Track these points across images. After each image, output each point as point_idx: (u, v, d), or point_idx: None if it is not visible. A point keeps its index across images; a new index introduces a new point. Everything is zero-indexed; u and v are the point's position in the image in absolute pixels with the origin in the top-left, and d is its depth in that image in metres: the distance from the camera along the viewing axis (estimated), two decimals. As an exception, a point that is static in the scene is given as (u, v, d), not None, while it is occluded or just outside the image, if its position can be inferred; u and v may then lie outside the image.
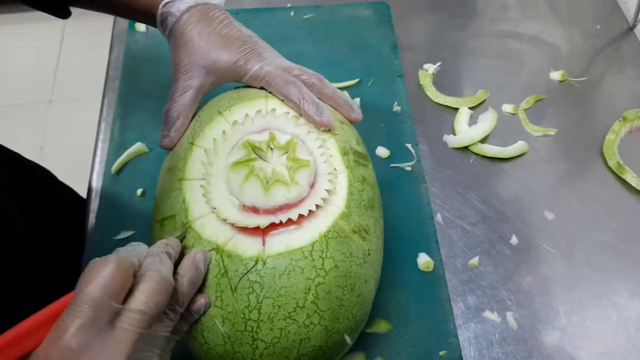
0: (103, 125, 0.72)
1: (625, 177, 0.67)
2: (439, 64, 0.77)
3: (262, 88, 0.53)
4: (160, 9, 0.54)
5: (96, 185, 0.66)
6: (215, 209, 0.45)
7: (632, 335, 0.58)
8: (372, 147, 0.68)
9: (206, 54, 0.52)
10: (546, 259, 0.62)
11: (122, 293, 0.35)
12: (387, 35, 0.79)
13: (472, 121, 0.73)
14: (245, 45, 0.52)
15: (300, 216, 0.45)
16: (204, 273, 0.43)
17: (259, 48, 0.53)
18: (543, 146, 0.71)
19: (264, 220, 0.44)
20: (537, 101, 0.75)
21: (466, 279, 0.61)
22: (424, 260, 0.60)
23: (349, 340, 0.46)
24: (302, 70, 0.54)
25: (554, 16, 0.84)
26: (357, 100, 0.72)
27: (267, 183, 0.46)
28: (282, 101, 0.52)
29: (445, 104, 0.74)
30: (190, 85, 0.52)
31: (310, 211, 0.45)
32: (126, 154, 0.67)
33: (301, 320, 0.42)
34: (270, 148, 0.48)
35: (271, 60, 0.53)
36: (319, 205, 0.46)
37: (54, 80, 1.84)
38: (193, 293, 0.42)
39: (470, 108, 0.73)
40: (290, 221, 0.45)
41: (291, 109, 0.51)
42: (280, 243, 0.43)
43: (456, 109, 0.73)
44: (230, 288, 0.42)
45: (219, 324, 0.42)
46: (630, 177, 0.67)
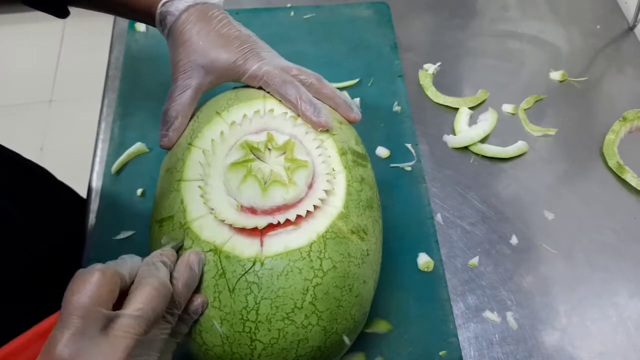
0: (103, 125, 0.72)
1: (625, 177, 0.67)
2: (439, 64, 0.77)
3: (260, 88, 0.53)
4: (159, 8, 0.54)
5: (96, 185, 0.66)
6: (213, 209, 0.45)
7: (632, 335, 0.58)
8: (372, 147, 0.68)
9: (205, 53, 0.51)
10: (546, 259, 0.62)
11: (110, 299, 0.35)
12: (387, 35, 0.79)
13: (472, 121, 0.73)
14: (244, 45, 0.52)
15: (298, 217, 0.45)
16: (199, 274, 0.43)
17: (257, 48, 0.53)
18: (543, 146, 0.71)
19: (262, 221, 0.44)
20: (537, 101, 0.75)
21: (466, 279, 0.61)
22: (424, 260, 0.60)
23: (347, 340, 0.46)
24: (300, 70, 0.53)
25: (554, 16, 0.84)
26: (357, 100, 0.72)
27: (264, 184, 0.46)
28: (280, 101, 0.52)
29: (445, 104, 0.74)
30: (189, 85, 0.51)
31: (308, 212, 0.45)
32: (126, 154, 0.67)
33: (299, 321, 0.42)
34: (268, 149, 0.48)
35: (270, 60, 0.53)
36: (317, 206, 0.46)
37: (54, 80, 1.84)
38: (189, 295, 0.42)
39: (470, 108, 0.73)
40: (288, 222, 0.45)
41: (289, 109, 0.51)
42: (278, 244, 0.43)
43: (456, 109, 0.73)
44: (228, 289, 0.42)
45: (217, 325, 0.42)
46: (630, 177, 0.67)
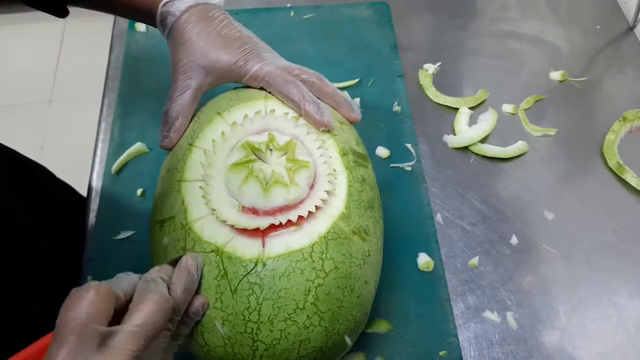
0: (103, 125, 0.72)
1: (625, 177, 0.67)
2: (439, 64, 0.77)
3: (261, 88, 0.53)
4: (160, 8, 0.53)
5: (96, 185, 0.66)
6: (214, 210, 0.45)
7: (632, 335, 0.58)
8: (372, 147, 0.68)
9: (205, 53, 0.51)
10: (546, 259, 0.62)
11: (105, 317, 0.35)
12: (387, 35, 0.79)
13: (472, 121, 0.72)
14: (245, 46, 0.52)
15: (299, 217, 0.45)
16: (198, 278, 0.42)
17: (258, 49, 0.53)
18: (543, 146, 0.71)
19: (264, 222, 0.44)
20: (537, 101, 0.75)
21: (466, 279, 0.61)
22: (424, 260, 0.60)
23: (349, 341, 0.46)
24: (301, 69, 0.53)
25: (554, 16, 0.84)
26: (357, 100, 0.72)
27: (266, 184, 0.46)
28: (282, 102, 0.52)
29: (445, 104, 0.74)
30: (189, 85, 0.51)
31: (310, 212, 0.45)
32: (126, 154, 0.67)
33: (301, 321, 0.42)
34: (270, 149, 0.48)
35: (271, 61, 0.53)
36: (318, 207, 0.46)
37: (54, 80, 1.84)
38: (189, 299, 0.42)
39: (470, 108, 0.73)
40: (289, 222, 0.44)
41: (291, 109, 0.51)
42: (280, 244, 0.43)
43: (456, 109, 0.73)
44: (230, 290, 0.42)
45: (218, 326, 0.42)
46: (630, 177, 0.67)
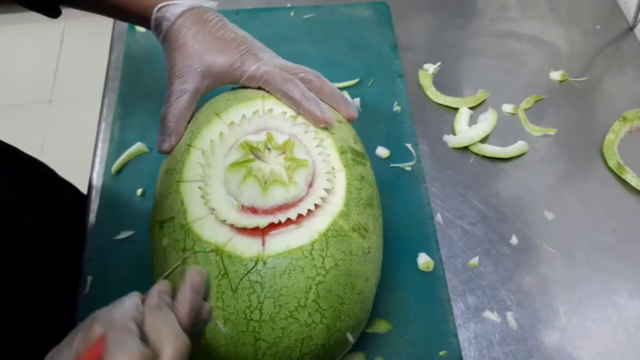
0: (103, 125, 0.72)
1: (625, 177, 0.67)
2: (439, 64, 0.77)
3: (259, 88, 0.53)
4: (154, 13, 0.54)
5: (96, 185, 0.66)
6: (214, 210, 0.45)
7: (632, 335, 0.58)
8: (372, 147, 0.68)
9: (201, 57, 0.51)
10: (546, 259, 0.62)
11: None
12: (387, 35, 0.79)
13: (472, 121, 0.72)
14: (241, 47, 0.52)
15: (299, 216, 0.45)
16: (203, 294, 0.40)
17: (254, 49, 0.53)
18: (543, 146, 0.71)
19: (263, 221, 0.44)
20: (537, 101, 0.75)
21: (466, 279, 0.61)
22: (424, 260, 0.60)
23: (351, 338, 0.46)
24: (300, 68, 0.53)
25: (554, 16, 0.84)
26: (357, 100, 0.72)
27: (265, 183, 0.46)
28: (279, 101, 0.52)
29: (445, 104, 0.74)
30: (186, 89, 0.51)
31: (309, 210, 0.45)
32: (126, 154, 0.67)
33: (303, 319, 0.42)
34: (268, 148, 0.48)
35: (268, 60, 0.53)
36: (317, 205, 0.46)
37: (54, 80, 1.84)
38: (195, 315, 0.39)
39: (470, 108, 0.73)
40: (289, 221, 0.45)
41: (289, 108, 0.51)
42: (280, 243, 0.43)
43: (456, 109, 0.73)
44: (231, 289, 0.42)
45: (220, 325, 0.42)
46: (630, 177, 0.67)
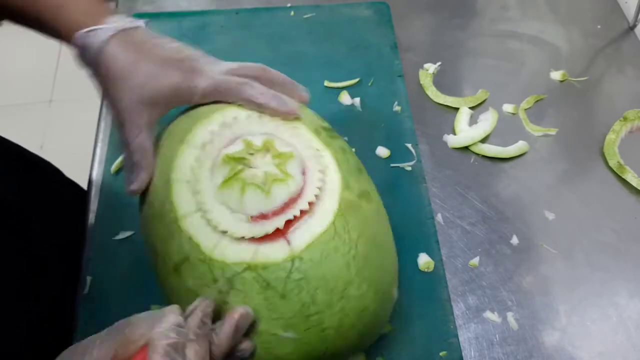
0: (103, 125, 0.72)
1: (626, 177, 0.67)
2: (439, 63, 0.77)
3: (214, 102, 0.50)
4: (77, 39, 0.47)
5: (96, 185, 0.66)
6: (226, 232, 0.44)
7: (632, 335, 0.58)
8: (372, 147, 0.68)
9: (144, 86, 0.47)
10: (546, 259, 0.62)
11: None
12: (387, 35, 0.79)
13: (473, 121, 0.72)
14: (182, 65, 0.48)
15: (309, 204, 0.45)
16: (245, 329, 0.41)
17: (196, 63, 0.49)
18: (543, 146, 0.71)
19: (279, 221, 0.44)
20: (537, 101, 0.75)
21: (466, 279, 0.61)
22: (424, 260, 0.60)
23: (395, 293, 0.49)
24: (242, 66, 0.50)
25: (554, 16, 0.84)
26: (357, 100, 0.72)
27: (264, 186, 0.45)
28: (239, 106, 0.50)
29: (445, 103, 0.74)
30: (139, 125, 0.48)
31: (316, 195, 0.46)
32: (126, 154, 0.67)
33: (354, 293, 0.44)
34: (250, 154, 0.47)
35: (212, 72, 0.49)
36: (320, 187, 0.46)
37: (54, 80, 1.84)
38: (229, 352, 0.40)
39: (470, 108, 0.73)
40: (302, 212, 0.45)
41: (252, 110, 0.49)
42: (304, 235, 0.44)
43: (456, 109, 0.73)
44: (279, 296, 0.42)
45: (284, 335, 0.42)
46: (630, 177, 0.67)
